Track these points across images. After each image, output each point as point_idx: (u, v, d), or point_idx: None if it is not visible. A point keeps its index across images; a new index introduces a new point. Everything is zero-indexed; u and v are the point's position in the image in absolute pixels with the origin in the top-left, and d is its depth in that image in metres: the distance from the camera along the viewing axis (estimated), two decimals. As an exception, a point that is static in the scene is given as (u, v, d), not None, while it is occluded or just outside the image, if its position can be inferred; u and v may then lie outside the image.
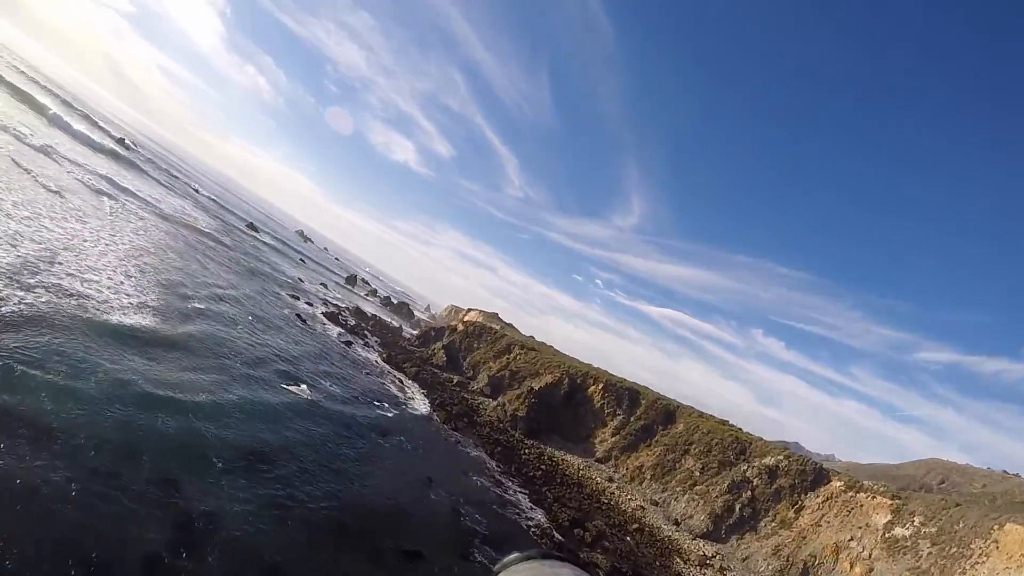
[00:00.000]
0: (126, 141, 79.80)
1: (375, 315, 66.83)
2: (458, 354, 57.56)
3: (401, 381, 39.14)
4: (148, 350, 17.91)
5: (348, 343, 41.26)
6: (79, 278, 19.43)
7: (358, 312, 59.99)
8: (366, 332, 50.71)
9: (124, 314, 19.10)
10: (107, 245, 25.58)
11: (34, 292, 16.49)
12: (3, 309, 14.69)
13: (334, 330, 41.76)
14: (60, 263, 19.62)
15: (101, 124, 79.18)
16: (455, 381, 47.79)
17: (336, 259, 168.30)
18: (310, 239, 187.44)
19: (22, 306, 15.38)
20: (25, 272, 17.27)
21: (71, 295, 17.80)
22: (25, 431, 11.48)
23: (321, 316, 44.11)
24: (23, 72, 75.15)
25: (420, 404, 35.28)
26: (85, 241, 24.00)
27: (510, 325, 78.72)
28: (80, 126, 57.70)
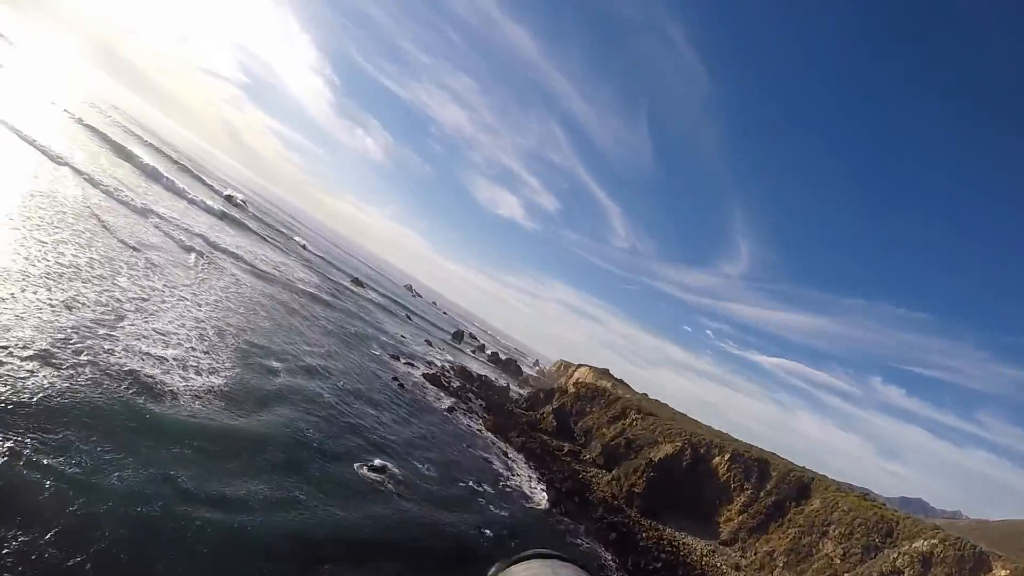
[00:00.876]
0: (235, 199, 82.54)
1: (481, 374, 64.37)
2: (569, 419, 54.16)
3: (506, 453, 35.94)
4: (203, 435, 15.38)
5: (450, 409, 38.35)
6: (140, 346, 17.54)
7: (463, 372, 57.71)
8: (470, 395, 48.22)
9: (186, 391, 16.87)
10: (185, 307, 23.76)
11: (79, 363, 14.54)
12: (33, 382, 12.64)
13: (436, 395, 39.25)
14: (122, 328, 17.88)
15: (211, 184, 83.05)
16: (566, 450, 44.36)
17: (444, 314, 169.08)
18: (419, 293, 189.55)
19: (58, 379, 13.35)
20: (76, 338, 15.47)
21: (124, 367, 15.77)
22: (21, 532, 9.22)
23: (422, 379, 41.86)
24: (141, 137, 79.94)
25: (525, 482, 31.35)
26: (159, 302, 22.23)
27: (622, 381, 74.75)
28: (187, 184, 60.04)
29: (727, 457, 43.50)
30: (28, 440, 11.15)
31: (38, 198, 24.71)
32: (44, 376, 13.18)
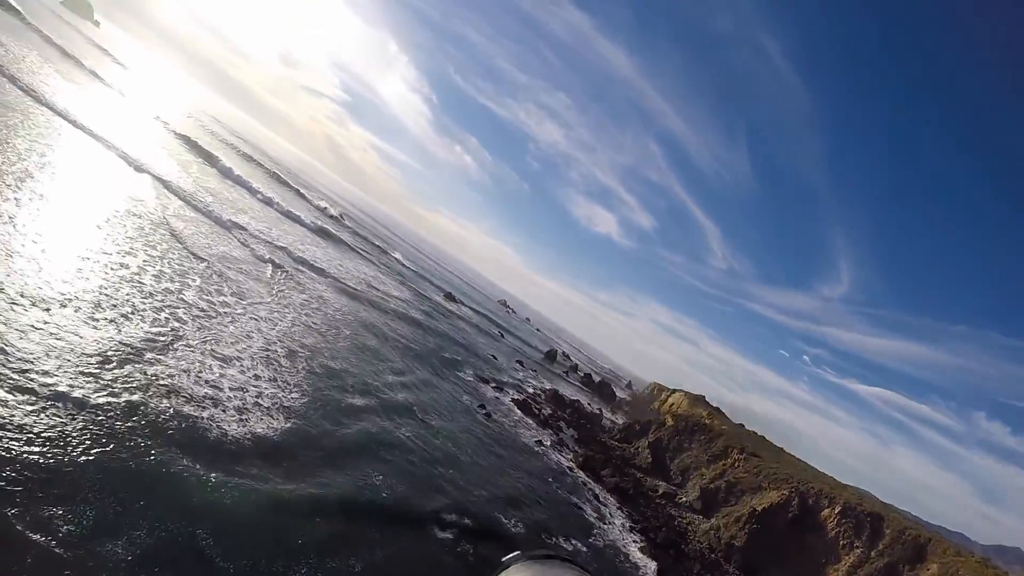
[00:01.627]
0: (331, 211, 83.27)
1: (574, 400, 61.83)
2: (665, 454, 51.04)
3: (597, 497, 32.62)
4: (245, 500, 12.66)
5: (540, 443, 35.58)
6: (192, 373, 15.49)
7: (555, 398, 55.34)
8: (561, 424, 45.91)
9: (235, 435, 14.37)
10: (255, 326, 21.81)
11: (109, 395, 12.41)
12: (45, 417, 10.59)
13: (525, 425, 37.11)
14: (175, 350, 16.04)
15: (309, 196, 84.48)
16: (660, 491, 41.49)
17: (537, 331, 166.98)
18: (512, 309, 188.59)
19: (75, 416, 11.24)
20: (114, 363, 13.49)
21: (165, 401, 13.58)
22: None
23: (511, 405, 39.87)
24: (241, 150, 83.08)
25: (618, 534, 28.54)
26: (226, 320, 20.40)
27: (718, 410, 70.77)
28: (282, 196, 60.62)
29: (837, 510, 39.70)
30: (21, 489, 9.11)
31: (115, 207, 24.01)
32: (60, 411, 11.13)
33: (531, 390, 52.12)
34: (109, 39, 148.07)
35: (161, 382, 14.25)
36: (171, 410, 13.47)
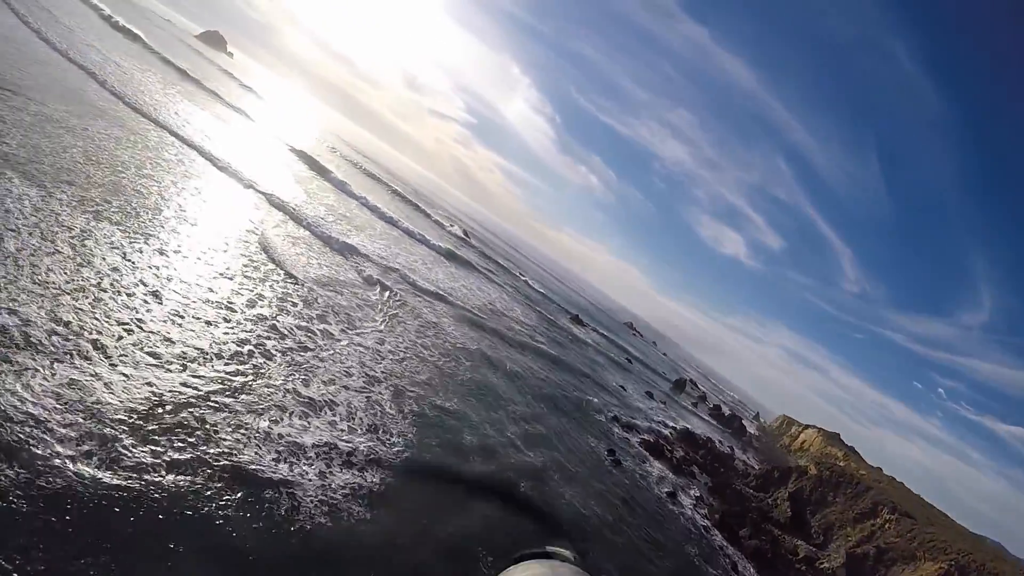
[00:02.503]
0: (452, 228, 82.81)
1: (705, 438, 57.83)
2: (806, 507, 46.72)
3: (735, 566, 28.25)
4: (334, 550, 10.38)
5: (672, 494, 31.33)
6: (270, 419, 12.94)
7: (686, 437, 51.75)
8: (694, 469, 42.62)
9: (320, 503, 11.73)
10: (356, 359, 19.03)
11: (158, 446, 10.08)
12: (71, 474, 8.47)
13: (656, 472, 34.29)
14: (254, 390, 13.63)
15: (432, 214, 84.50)
16: (801, 554, 37.20)
17: (664, 355, 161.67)
18: (639, 332, 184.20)
19: (113, 472, 9.06)
20: (169, 406, 11.17)
21: (227, 456, 11.09)
22: None
23: (641, 449, 36.91)
24: (367, 170, 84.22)
25: None
26: (322, 353, 17.81)
27: (852, 449, 65.73)
28: (404, 215, 59.93)
29: (1005, 592, 34.91)
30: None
31: (215, 221, 22.93)
32: (92, 465, 8.98)
33: (662, 428, 48.95)
34: (243, 68, 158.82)
35: (227, 433, 11.64)
36: (227, 477, 10.66)
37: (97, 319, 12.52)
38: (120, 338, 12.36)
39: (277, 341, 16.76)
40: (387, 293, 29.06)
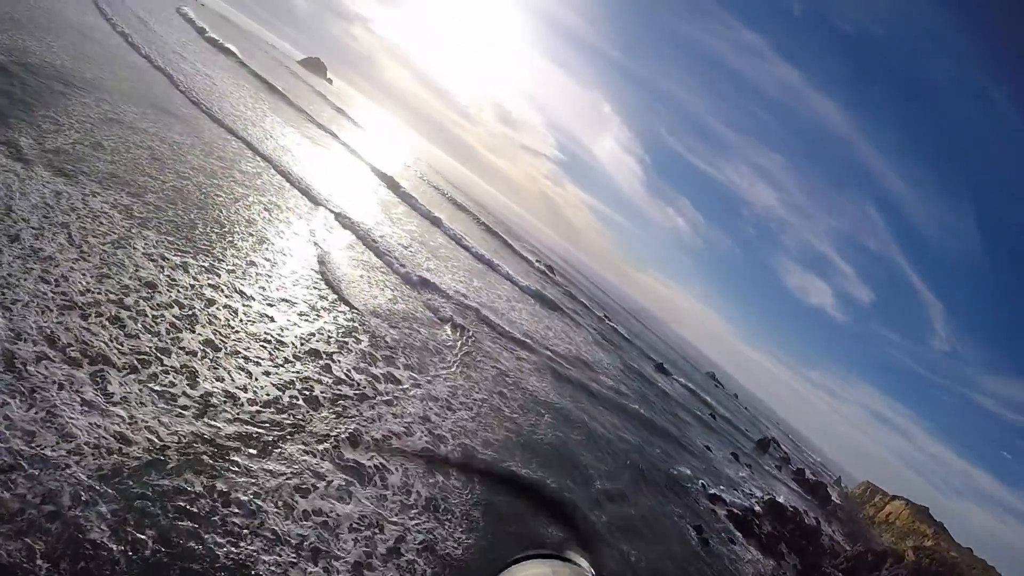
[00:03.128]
0: (537, 263, 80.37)
1: (793, 509, 53.32)
2: (902, 602, 42.15)
3: None
4: None
5: None
6: (312, 482, 10.27)
7: (773, 508, 47.29)
8: (782, 547, 38.51)
9: (361, 565, 9.46)
10: (418, 410, 15.99)
11: (156, 506, 7.46)
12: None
13: (745, 552, 30.50)
14: (296, 446, 10.93)
15: (518, 248, 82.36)
16: None
17: (745, 409, 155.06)
18: (720, 383, 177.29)
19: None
20: (185, 457, 8.75)
21: (263, 511, 8.68)
22: None
23: (728, 523, 33.13)
24: (458, 202, 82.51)
25: None
26: (379, 402, 14.82)
27: (941, 526, 60.24)
28: (488, 248, 57.30)
29: None
30: None
31: (281, 247, 20.64)
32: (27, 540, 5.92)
33: (749, 499, 44.78)
34: (340, 94, 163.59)
35: (232, 510, 8.73)
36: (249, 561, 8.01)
37: (107, 343, 10.26)
38: (130, 370, 10.00)
39: (328, 386, 13.95)
40: (463, 334, 25.98)
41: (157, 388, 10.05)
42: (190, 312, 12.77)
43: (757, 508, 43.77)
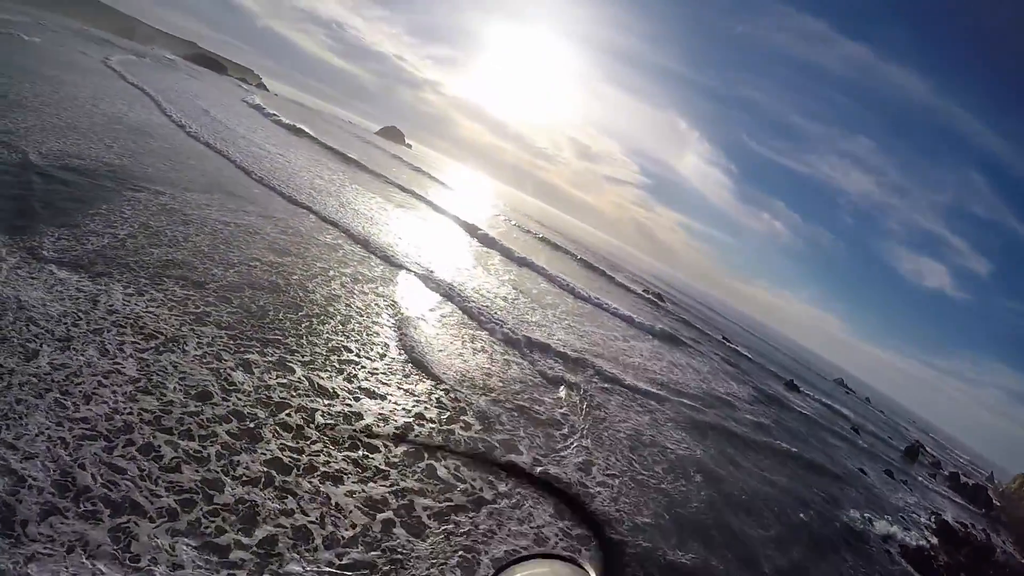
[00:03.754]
0: (645, 292, 76.76)
1: (961, 528, 46.93)
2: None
3: None
4: None
5: None
6: None
7: (943, 532, 41.63)
8: (956, 583, 33.23)
9: None
10: (547, 509, 12.56)
11: None
12: None
13: None
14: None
15: (621, 280, 78.98)
16: None
17: (880, 412, 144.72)
18: (850, 388, 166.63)
19: None
20: None
21: None
22: None
23: (902, 560, 28.52)
24: (554, 242, 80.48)
25: None
26: (500, 506, 11.56)
27: None
28: (583, 281, 54.30)
29: None
30: None
31: (359, 322, 18.34)
32: None
33: (917, 527, 39.57)
34: (419, 156, 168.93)
35: None
36: None
37: (136, 481, 7.80)
38: (165, 518, 7.44)
39: (433, 498, 10.78)
40: (583, 395, 22.51)
41: (198, 542, 7.39)
42: (251, 425, 10.26)
43: (928, 536, 39.05)
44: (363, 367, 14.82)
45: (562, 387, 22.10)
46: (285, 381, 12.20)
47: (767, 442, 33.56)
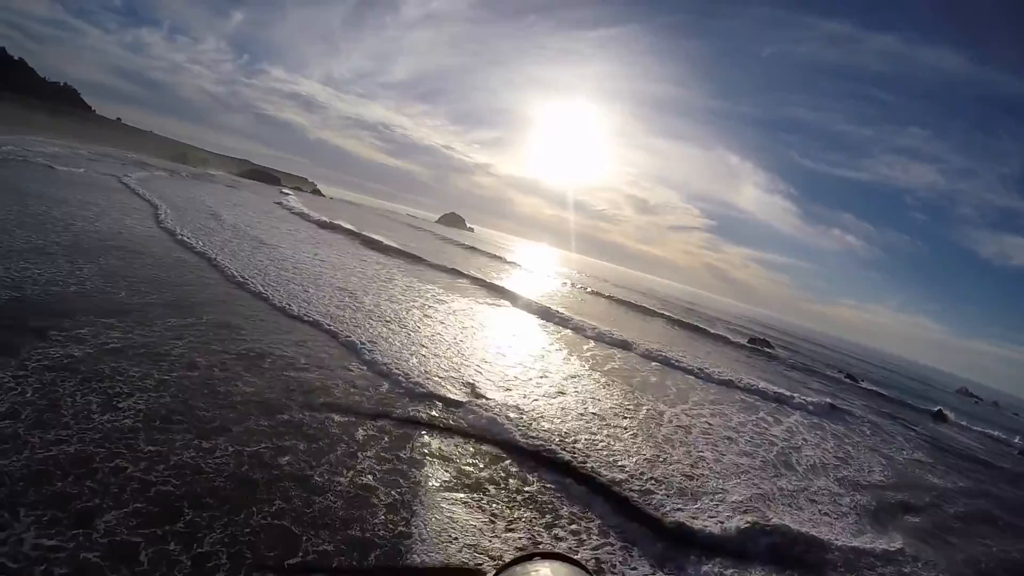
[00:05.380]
0: (747, 342, 66.29)
1: None
2: None
3: None
4: None
5: None
6: None
7: None
8: None
9: None
10: None
11: None
12: None
13: None
14: None
15: (717, 331, 67.84)
16: None
17: (1014, 415, 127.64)
18: (977, 397, 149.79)
19: None
20: None
21: None
22: None
23: None
24: (638, 305, 70.53)
25: None
26: None
27: None
28: (680, 344, 44.11)
29: None
30: None
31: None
32: None
33: None
34: (481, 238, 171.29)
35: None
36: None
37: None
38: None
39: None
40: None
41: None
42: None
43: None
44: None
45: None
46: None
47: (979, 508, 24.04)
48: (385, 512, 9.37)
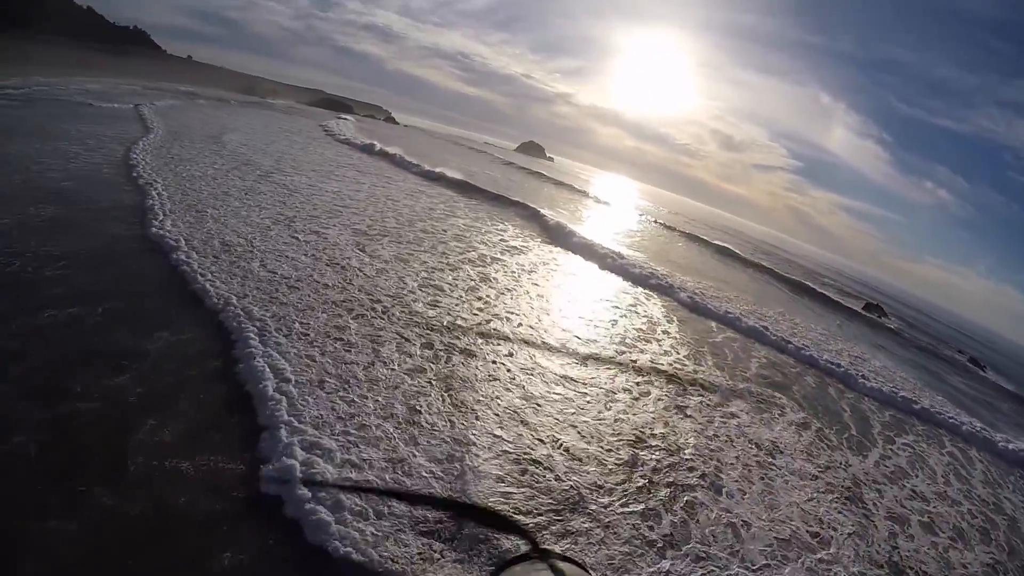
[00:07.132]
0: (863, 306, 55.09)
1: None
2: None
3: None
4: None
5: None
6: None
7: None
8: None
9: None
10: None
11: None
12: None
13: None
14: None
15: (814, 287, 56.14)
16: None
17: None
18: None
19: None
20: None
21: None
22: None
23: None
24: (730, 251, 59.28)
25: None
26: None
27: None
28: (786, 323, 32.71)
29: None
30: None
31: None
32: None
33: None
34: (561, 169, 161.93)
35: None
36: None
37: None
38: None
39: None
40: None
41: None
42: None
43: None
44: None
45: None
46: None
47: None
48: None
